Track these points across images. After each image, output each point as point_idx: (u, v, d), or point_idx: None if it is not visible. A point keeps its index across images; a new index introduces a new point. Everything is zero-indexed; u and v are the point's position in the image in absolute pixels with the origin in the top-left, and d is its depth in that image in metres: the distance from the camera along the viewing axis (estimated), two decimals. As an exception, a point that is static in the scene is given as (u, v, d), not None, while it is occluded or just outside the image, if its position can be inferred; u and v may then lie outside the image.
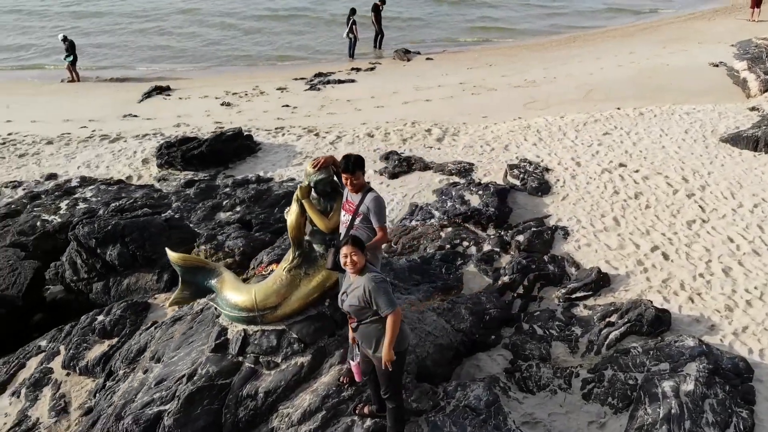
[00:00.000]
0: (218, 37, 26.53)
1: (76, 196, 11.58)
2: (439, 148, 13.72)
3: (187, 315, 6.77)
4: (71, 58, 21.92)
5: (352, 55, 23.94)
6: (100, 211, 10.51)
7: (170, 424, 5.32)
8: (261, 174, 12.61)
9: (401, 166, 12.52)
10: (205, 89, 20.12)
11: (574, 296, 8.50)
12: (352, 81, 20.29)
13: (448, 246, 9.37)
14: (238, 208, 10.69)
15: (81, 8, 31.29)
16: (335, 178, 5.99)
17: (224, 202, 10.92)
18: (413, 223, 10.31)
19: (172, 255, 6.19)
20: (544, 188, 11.43)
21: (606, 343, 7.35)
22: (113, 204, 10.79)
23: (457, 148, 13.61)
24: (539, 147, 13.27)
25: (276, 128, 15.32)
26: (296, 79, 20.73)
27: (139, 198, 11.05)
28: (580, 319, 8.01)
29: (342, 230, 5.68)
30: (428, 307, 7.15)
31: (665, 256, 9.16)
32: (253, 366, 5.75)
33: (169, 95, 19.92)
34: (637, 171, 11.78)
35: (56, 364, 7.19)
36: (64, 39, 22.01)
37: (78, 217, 10.39)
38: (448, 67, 21.49)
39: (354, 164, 5.53)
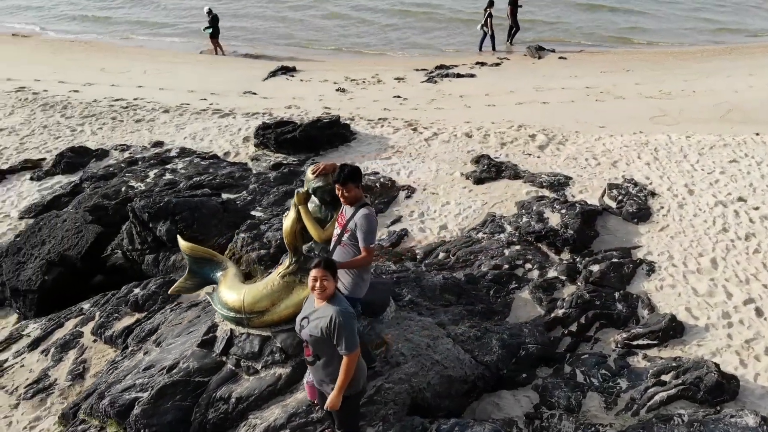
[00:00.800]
0: (351, 26, 26.71)
1: (168, 166, 12.08)
2: (538, 156, 12.81)
3: (201, 302, 6.74)
4: (210, 30, 22.95)
5: (480, 49, 23.21)
6: (181, 184, 10.86)
7: (138, 414, 5.27)
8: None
9: (489, 171, 11.80)
10: (327, 73, 20.34)
11: (635, 343, 7.53)
12: (472, 76, 19.58)
13: (506, 266, 8.65)
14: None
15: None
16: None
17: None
18: (479, 235, 9.66)
19: (182, 243, 6.16)
20: (642, 215, 10.27)
21: (649, 404, 6.40)
22: (195, 179, 11.11)
23: (559, 159, 12.63)
24: (652, 167, 11.97)
25: (378, 119, 15.10)
26: (417, 69, 20.38)
27: (221, 176, 11.30)
28: (632, 370, 7.06)
29: (332, 244, 5.31)
30: (451, 332, 6.58)
31: (758, 312, 7.88)
32: (233, 368, 5.57)
33: (292, 76, 20.37)
34: (756, 208, 10.24)
35: (88, 329, 7.47)
36: (209, 12, 23.08)
37: (159, 187, 10.83)
38: (580, 69, 20.11)
39: (346, 176, 5.12)
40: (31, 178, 12.48)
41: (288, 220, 5.55)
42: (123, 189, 10.75)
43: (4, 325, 8.60)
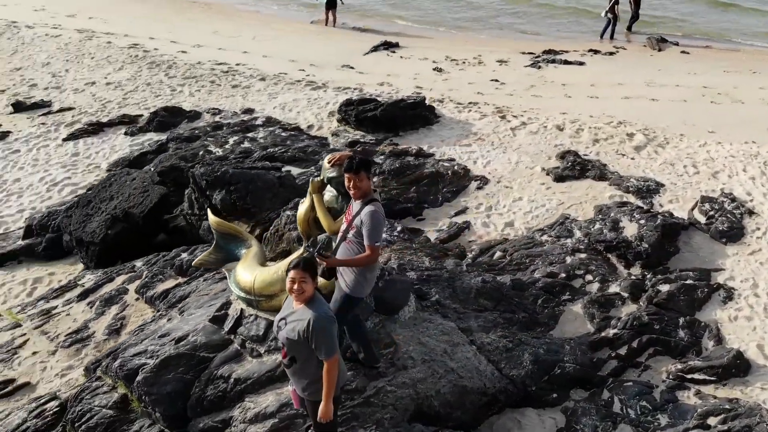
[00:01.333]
0: (461, 8, 25.87)
1: (249, 134, 12.29)
2: (632, 158, 11.90)
3: (232, 276, 6.76)
4: None
5: (602, 36, 21.90)
6: (255, 154, 11.03)
7: (140, 381, 5.37)
8: (424, 148, 12.13)
9: (573, 169, 11.09)
10: (429, 51, 19.91)
11: (689, 377, 6.86)
12: (581, 63, 18.48)
13: (563, 275, 8.10)
14: (374, 179, 10.43)
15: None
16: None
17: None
18: (543, 237, 9.10)
19: (211, 218, 6.21)
20: (733, 234, 9.34)
21: (684, 450, 5.79)
22: (269, 150, 11.23)
23: (654, 163, 11.68)
24: (756, 183, 10.82)
25: (468, 102, 14.60)
26: (523, 53, 19.52)
27: (294, 149, 11.36)
28: (678, 407, 6.45)
29: (337, 240, 5.08)
30: (477, 339, 6.23)
31: (843, 362, 6.93)
32: (239, 348, 5.55)
33: (393, 52, 20.11)
34: None
35: (133, 287, 7.74)
36: None
37: (234, 155, 11.05)
38: (701, 66, 18.48)
39: (359, 163, 4.83)
40: (125, 133, 13.14)
41: (302, 208, 5.41)
42: (201, 153, 11.05)
43: (71, 272, 9.13)
